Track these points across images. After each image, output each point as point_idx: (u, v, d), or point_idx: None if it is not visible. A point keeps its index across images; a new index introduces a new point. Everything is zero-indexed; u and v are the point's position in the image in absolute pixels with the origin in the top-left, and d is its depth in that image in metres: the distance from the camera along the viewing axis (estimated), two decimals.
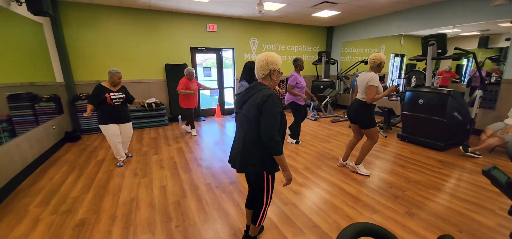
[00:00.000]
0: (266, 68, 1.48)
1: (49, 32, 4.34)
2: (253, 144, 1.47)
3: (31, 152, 3.22)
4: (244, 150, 1.50)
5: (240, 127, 1.55)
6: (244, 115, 1.49)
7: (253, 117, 1.43)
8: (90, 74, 5.07)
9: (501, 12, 4.01)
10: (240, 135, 1.54)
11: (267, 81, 1.52)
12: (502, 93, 4.13)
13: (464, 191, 2.63)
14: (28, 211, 2.31)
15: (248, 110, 1.46)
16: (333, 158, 3.55)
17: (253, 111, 1.43)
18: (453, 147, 3.83)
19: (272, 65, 1.48)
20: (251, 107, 1.44)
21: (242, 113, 1.52)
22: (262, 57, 1.49)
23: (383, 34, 6.09)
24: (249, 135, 1.47)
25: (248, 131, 1.48)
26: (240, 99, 1.55)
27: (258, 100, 1.40)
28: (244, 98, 1.51)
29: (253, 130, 1.45)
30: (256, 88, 1.48)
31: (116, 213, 2.27)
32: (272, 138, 1.38)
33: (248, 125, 1.47)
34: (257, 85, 1.50)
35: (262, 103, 1.39)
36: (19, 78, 3.27)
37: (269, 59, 1.47)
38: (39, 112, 3.64)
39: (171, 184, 2.83)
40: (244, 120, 1.49)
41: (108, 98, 3.03)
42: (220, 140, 4.60)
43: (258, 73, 1.51)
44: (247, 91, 1.51)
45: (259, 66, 1.49)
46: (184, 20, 5.71)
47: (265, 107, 1.38)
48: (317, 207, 2.35)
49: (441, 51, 3.59)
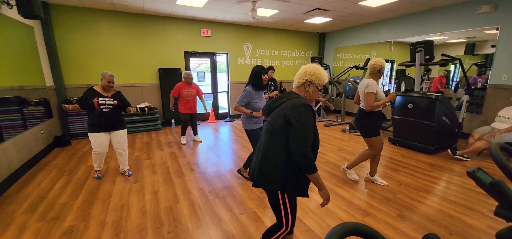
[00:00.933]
0: (303, 77, 1.35)
1: (39, 35, 4.27)
2: (275, 158, 1.29)
3: (19, 157, 3.12)
4: (264, 163, 1.32)
5: (264, 136, 1.38)
6: (269, 124, 1.34)
7: (280, 128, 1.26)
8: (81, 78, 5.00)
9: (486, 20, 4.19)
10: (262, 144, 1.37)
11: (301, 91, 1.38)
12: (488, 98, 4.28)
13: (453, 193, 2.68)
14: (15, 218, 2.23)
15: (274, 119, 1.31)
16: (326, 162, 3.58)
17: (279, 121, 1.27)
18: (442, 150, 3.92)
19: (311, 76, 1.33)
20: (278, 116, 1.29)
21: (268, 121, 1.37)
22: (303, 67, 1.38)
23: (374, 41, 6.24)
24: (272, 147, 1.30)
25: (272, 142, 1.31)
26: (269, 106, 1.41)
27: (287, 110, 1.24)
28: (273, 105, 1.38)
29: (278, 142, 1.28)
30: (287, 96, 1.34)
31: (106, 220, 2.22)
32: (305, 156, 1.20)
33: (272, 135, 1.31)
34: (289, 94, 1.36)
35: (290, 113, 1.23)
36: (8, 82, 3.19)
37: (309, 70, 1.34)
38: (27, 117, 3.55)
39: (163, 189, 2.79)
40: (269, 129, 1.33)
41: (95, 103, 2.72)
42: (214, 145, 4.57)
43: (295, 80, 1.40)
44: (278, 98, 1.38)
45: (297, 75, 1.38)
46: (178, 25, 5.72)
47: (295, 119, 1.21)
48: (310, 211, 2.36)
49: (428, 57, 3.71)
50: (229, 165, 3.54)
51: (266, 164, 1.32)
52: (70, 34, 4.75)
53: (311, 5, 4.73)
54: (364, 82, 2.62)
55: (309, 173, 1.26)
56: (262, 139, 1.39)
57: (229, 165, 3.52)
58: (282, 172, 1.28)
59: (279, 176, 1.28)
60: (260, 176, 1.34)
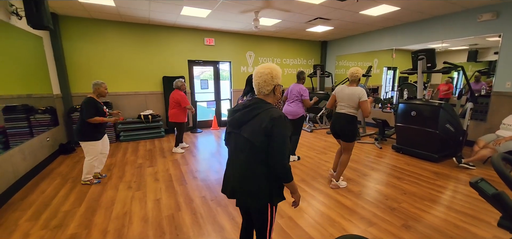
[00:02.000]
0: (271, 83, 1.26)
1: (48, 45, 4.40)
2: (260, 173, 1.25)
3: (24, 164, 3.17)
4: (247, 179, 1.27)
5: (239, 151, 1.29)
6: (245, 140, 1.25)
7: (260, 144, 1.21)
8: (87, 87, 5.07)
9: (487, 27, 4.19)
10: (239, 161, 1.29)
11: (270, 98, 1.31)
12: (493, 106, 4.24)
13: (459, 202, 2.63)
14: (19, 226, 2.25)
15: (252, 134, 1.22)
16: (329, 170, 3.55)
17: (260, 137, 1.20)
18: (447, 158, 3.87)
19: (276, 80, 1.28)
20: (257, 132, 1.21)
21: (242, 136, 1.27)
22: (266, 70, 1.26)
23: (375, 49, 6.27)
24: (254, 163, 1.25)
25: (251, 158, 1.25)
26: (238, 119, 1.30)
27: (266, 124, 1.18)
28: (244, 119, 1.27)
29: (259, 156, 1.23)
30: (260, 108, 1.24)
31: (108, 228, 2.22)
32: (285, 167, 1.21)
33: (251, 151, 1.24)
34: (260, 104, 1.26)
35: (271, 128, 1.17)
36: (17, 90, 3.27)
37: (273, 73, 1.26)
38: (34, 124, 3.61)
39: (166, 197, 2.79)
40: (246, 145, 1.25)
41: (105, 111, 2.97)
42: (216, 152, 4.58)
43: (261, 89, 1.28)
44: (249, 110, 1.27)
45: (262, 81, 1.26)
46: (182, 34, 5.83)
47: (275, 132, 1.18)
48: (313, 220, 2.33)
49: (430, 65, 3.71)
50: None
51: (250, 182, 1.27)
52: (78, 44, 4.88)
53: (313, 15, 4.79)
54: (355, 91, 2.71)
55: (287, 182, 1.27)
56: (239, 156, 1.30)
57: None
58: (268, 184, 1.27)
59: (266, 189, 1.27)
60: (247, 194, 1.28)
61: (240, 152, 1.29)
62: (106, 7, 4.25)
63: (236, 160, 1.33)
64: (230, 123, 1.37)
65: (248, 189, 1.27)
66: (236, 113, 1.33)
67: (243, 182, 1.28)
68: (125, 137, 5.25)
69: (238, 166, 1.30)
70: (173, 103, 4.25)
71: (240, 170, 1.29)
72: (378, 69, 6.60)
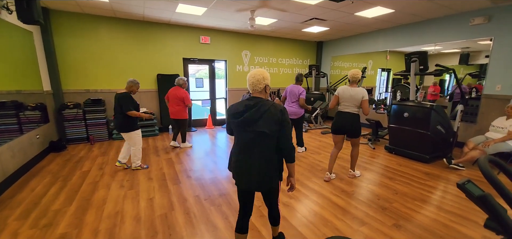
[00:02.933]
0: (262, 83, 1.56)
1: (39, 40, 4.29)
2: (272, 159, 1.54)
3: (13, 162, 3.09)
4: (264, 167, 1.53)
5: (252, 146, 1.51)
6: (260, 133, 1.47)
7: (274, 133, 1.48)
8: (79, 83, 5.00)
9: (479, 31, 4.28)
10: (255, 153, 1.51)
11: (263, 94, 1.59)
12: (482, 108, 4.34)
13: (449, 203, 2.69)
14: (7, 225, 2.20)
15: (267, 127, 1.46)
16: (323, 170, 3.58)
17: (274, 127, 1.47)
18: (437, 159, 3.94)
19: (266, 80, 1.58)
20: (271, 124, 1.46)
21: (256, 131, 1.47)
22: (258, 72, 1.57)
23: (370, 50, 6.33)
24: (268, 152, 1.52)
25: (266, 147, 1.51)
26: (250, 118, 1.48)
27: (278, 116, 1.47)
28: (255, 116, 1.47)
29: (272, 145, 1.52)
30: (266, 104, 1.50)
31: (99, 227, 2.19)
32: (293, 147, 1.56)
33: (265, 141, 1.50)
34: (264, 101, 1.52)
35: (282, 117, 1.48)
36: (6, 86, 3.19)
37: (264, 75, 1.58)
38: (23, 121, 3.53)
39: (159, 196, 2.76)
40: (261, 137, 1.48)
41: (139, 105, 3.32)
42: (210, 151, 4.56)
43: (255, 87, 1.55)
44: (256, 108, 1.48)
45: (255, 80, 1.55)
46: (177, 32, 5.77)
47: (285, 121, 1.49)
48: (307, 220, 2.35)
49: (423, 67, 3.77)
50: (225, 171, 3.52)
51: (267, 167, 1.54)
52: (69, 40, 4.77)
53: (309, 15, 4.81)
54: (358, 91, 2.96)
55: (293, 161, 1.60)
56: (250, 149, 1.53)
57: (225, 172, 3.50)
58: (278, 166, 1.60)
59: (278, 171, 1.60)
60: (264, 179, 1.56)
61: (255, 145, 1.52)
62: (99, 3, 4.17)
63: (251, 153, 1.53)
64: (241, 123, 1.52)
65: (266, 175, 1.55)
66: (245, 114, 1.50)
67: (262, 168, 1.53)
68: (118, 135, 5.17)
69: (256, 157, 1.52)
70: (177, 101, 4.33)
71: (258, 160, 1.52)
72: (373, 71, 6.67)
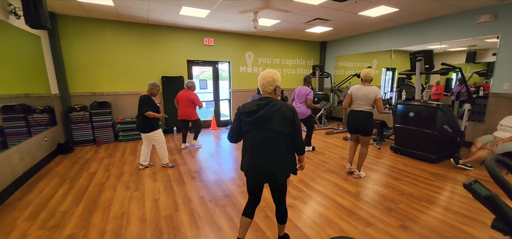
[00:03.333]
0: (272, 84, 1.63)
1: (46, 44, 4.38)
2: (285, 154, 1.64)
3: (22, 164, 3.16)
4: (281, 161, 1.63)
5: (266, 142, 1.60)
6: (273, 130, 1.57)
7: (288, 130, 1.59)
8: (86, 86, 5.08)
9: (486, 29, 4.21)
10: (268, 149, 1.61)
11: (272, 95, 1.66)
12: (490, 107, 4.26)
13: (456, 203, 2.65)
14: (16, 226, 2.25)
15: (281, 126, 1.56)
16: (328, 170, 3.56)
17: (287, 125, 1.57)
18: (444, 159, 3.88)
19: (277, 82, 1.65)
20: (284, 123, 1.56)
21: (271, 129, 1.57)
22: (269, 74, 1.63)
23: (374, 49, 6.28)
24: (284, 148, 1.62)
25: (278, 144, 1.60)
26: (264, 116, 1.57)
27: (290, 115, 1.57)
28: (268, 115, 1.57)
29: (283, 142, 1.61)
30: (277, 103, 1.58)
31: (105, 228, 2.22)
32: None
33: (277, 138, 1.59)
34: (274, 101, 1.60)
35: (293, 117, 1.58)
36: (15, 90, 3.27)
37: (275, 77, 1.64)
38: (32, 124, 3.60)
39: (164, 197, 2.79)
40: (275, 135, 1.58)
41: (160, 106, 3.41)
42: (215, 152, 4.58)
43: (266, 88, 1.63)
44: (268, 108, 1.57)
45: (266, 82, 1.62)
46: (181, 34, 5.83)
47: (296, 119, 1.59)
48: (311, 221, 2.34)
49: (428, 66, 3.72)
50: (230, 172, 3.54)
51: (284, 162, 1.65)
52: (76, 43, 4.86)
53: (312, 15, 4.80)
54: (372, 90, 3.01)
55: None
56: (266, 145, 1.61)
57: (229, 173, 3.51)
58: (291, 161, 1.70)
59: (290, 165, 1.70)
60: (282, 171, 1.66)
61: (267, 142, 1.61)
62: (105, 7, 4.24)
63: (264, 149, 1.62)
64: (254, 121, 1.60)
65: (279, 167, 1.64)
66: (258, 113, 1.59)
67: (279, 162, 1.63)
68: (124, 136, 5.24)
69: (267, 152, 1.61)
70: (187, 103, 4.54)
71: (270, 155, 1.61)
72: (377, 70, 6.61)
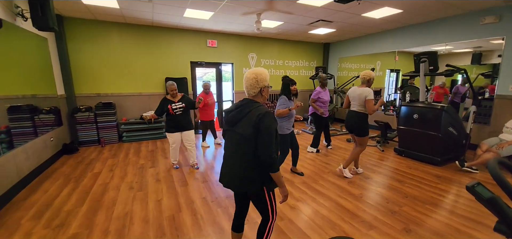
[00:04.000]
0: (256, 87, 1.47)
1: (53, 46, 4.46)
2: (252, 162, 1.44)
3: (27, 164, 3.21)
4: (243, 168, 1.46)
5: (235, 146, 1.50)
6: (240, 135, 1.45)
7: (251, 137, 1.41)
8: (91, 87, 5.15)
9: (491, 31, 4.16)
10: (235, 154, 1.50)
11: (258, 98, 1.51)
12: (496, 109, 4.19)
13: (462, 207, 2.61)
14: (21, 225, 2.28)
15: (244, 129, 1.43)
16: (330, 172, 3.55)
17: (250, 131, 1.40)
18: (450, 162, 3.83)
19: (262, 82, 1.48)
20: (247, 127, 1.41)
21: (236, 132, 1.47)
22: (251, 75, 1.46)
23: (378, 51, 6.24)
24: (247, 155, 1.44)
25: (246, 150, 1.44)
26: (232, 118, 1.50)
27: (254, 119, 1.38)
28: (237, 117, 1.48)
29: (251, 148, 1.42)
30: (250, 107, 1.45)
31: (109, 228, 2.24)
32: (270, 156, 1.38)
33: (245, 144, 1.44)
34: (249, 103, 1.47)
35: (258, 122, 1.38)
36: (22, 91, 3.33)
37: (259, 77, 1.46)
38: (38, 124, 3.66)
39: (167, 198, 2.80)
40: (241, 140, 1.46)
41: (170, 109, 3.39)
42: (217, 153, 4.59)
43: (249, 91, 1.50)
44: (240, 109, 1.48)
45: (248, 85, 1.47)
46: (185, 36, 5.88)
47: (261, 126, 1.37)
48: (314, 223, 2.33)
49: (433, 67, 3.69)
50: None
51: (245, 170, 1.46)
52: (82, 45, 4.94)
53: (315, 17, 4.80)
54: (363, 91, 3.03)
55: (272, 172, 1.44)
56: (236, 149, 1.50)
57: None
58: (260, 171, 1.46)
59: (259, 176, 1.47)
60: (243, 180, 1.48)
61: (236, 146, 1.49)
62: (111, 9, 4.30)
63: (233, 153, 1.52)
64: (226, 121, 1.56)
65: (245, 176, 1.47)
66: (230, 113, 1.51)
67: (240, 170, 1.47)
68: (128, 137, 5.29)
69: (236, 158, 1.49)
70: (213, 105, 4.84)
71: (237, 161, 1.48)
72: (381, 72, 6.58)
